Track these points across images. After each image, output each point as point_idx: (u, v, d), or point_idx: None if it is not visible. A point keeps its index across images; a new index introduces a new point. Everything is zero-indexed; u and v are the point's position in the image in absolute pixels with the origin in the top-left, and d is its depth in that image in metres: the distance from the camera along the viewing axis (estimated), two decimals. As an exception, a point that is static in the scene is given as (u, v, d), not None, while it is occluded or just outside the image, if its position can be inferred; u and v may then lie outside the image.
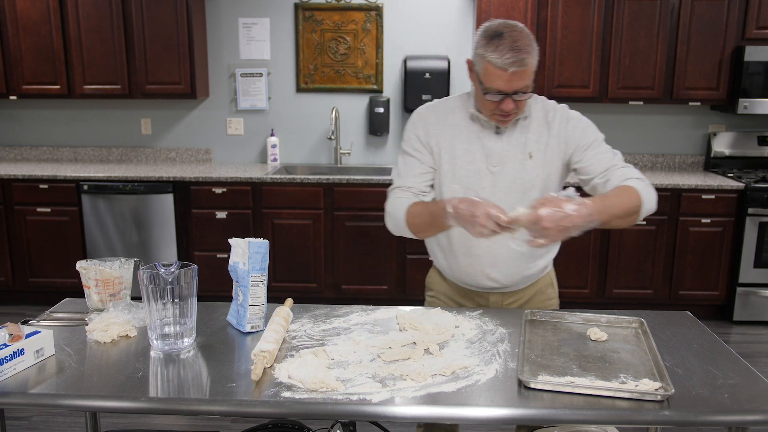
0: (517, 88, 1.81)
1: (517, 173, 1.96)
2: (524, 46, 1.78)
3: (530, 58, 1.79)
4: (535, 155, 1.96)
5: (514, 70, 1.77)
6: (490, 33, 1.81)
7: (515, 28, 1.81)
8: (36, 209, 4.46)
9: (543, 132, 1.97)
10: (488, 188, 1.97)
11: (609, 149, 1.98)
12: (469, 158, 1.97)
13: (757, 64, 4.36)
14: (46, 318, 1.87)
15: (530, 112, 1.97)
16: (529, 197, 1.96)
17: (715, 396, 1.43)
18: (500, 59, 1.77)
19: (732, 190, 4.30)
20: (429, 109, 2.06)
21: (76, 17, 4.48)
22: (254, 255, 1.73)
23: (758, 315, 4.40)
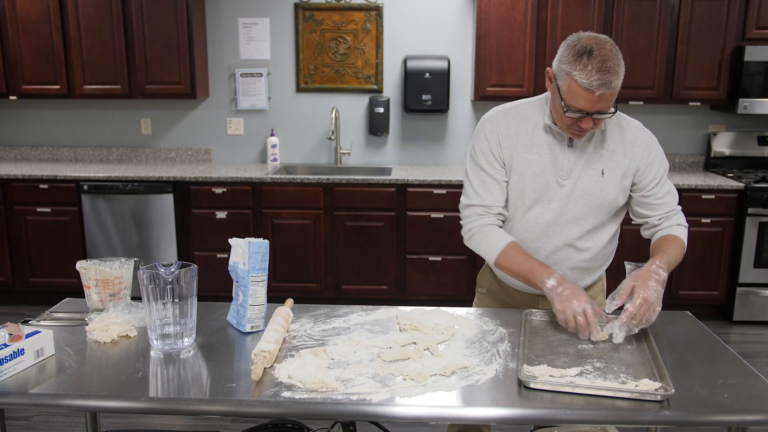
0: (599, 108, 1.76)
1: (588, 189, 1.93)
2: (613, 67, 1.71)
3: (618, 80, 1.73)
4: (608, 173, 1.93)
5: (601, 93, 1.71)
6: (579, 49, 1.73)
7: (605, 45, 1.74)
8: (36, 209, 4.46)
9: (618, 150, 1.93)
10: (556, 201, 1.94)
11: (670, 186, 2.01)
12: (539, 169, 1.93)
13: (757, 64, 4.36)
14: (46, 318, 1.87)
15: (605, 126, 1.92)
16: (598, 213, 1.96)
17: (715, 396, 1.43)
18: (587, 80, 1.70)
19: (732, 190, 4.30)
20: (499, 116, 1.99)
21: (76, 17, 4.48)
22: (254, 255, 1.73)
23: (758, 315, 4.40)
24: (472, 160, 2.01)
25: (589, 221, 1.97)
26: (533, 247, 1.99)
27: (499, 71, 4.45)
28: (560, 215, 1.95)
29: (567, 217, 1.95)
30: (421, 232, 4.39)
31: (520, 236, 2.00)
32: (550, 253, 2.00)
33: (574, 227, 1.97)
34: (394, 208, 4.36)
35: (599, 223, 1.99)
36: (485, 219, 1.98)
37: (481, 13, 4.38)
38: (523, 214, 1.98)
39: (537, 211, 1.96)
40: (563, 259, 2.00)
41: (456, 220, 4.41)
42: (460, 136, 4.89)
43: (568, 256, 2.00)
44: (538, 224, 1.97)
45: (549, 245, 1.99)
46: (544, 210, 1.96)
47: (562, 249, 1.99)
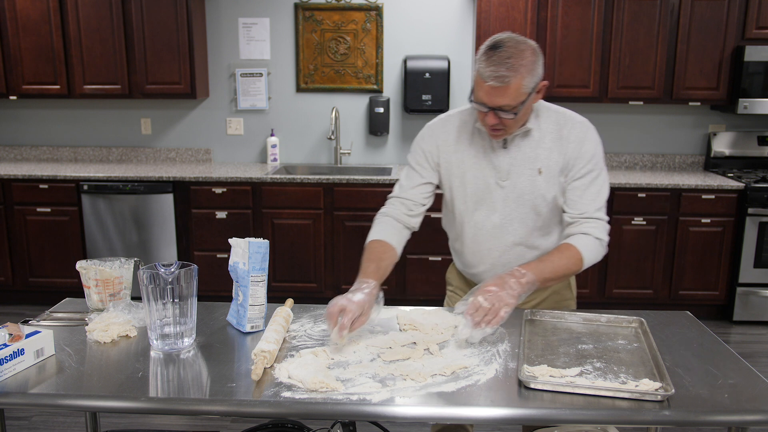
0: (498, 104, 1.77)
1: (527, 188, 1.94)
2: (514, 64, 1.73)
3: (516, 78, 1.74)
4: (545, 171, 1.93)
5: (491, 84, 1.74)
6: (491, 42, 1.79)
7: (518, 45, 1.76)
8: (36, 209, 4.46)
9: (555, 148, 1.93)
10: (499, 202, 1.96)
11: (598, 188, 1.94)
12: (479, 173, 1.96)
13: (757, 64, 4.36)
14: (46, 318, 1.87)
15: (537, 126, 1.93)
16: (540, 212, 1.96)
17: (715, 396, 1.43)
18: (484, 70, 1.75)
19: (732, 190, 4.30)
20: (440, 123, 2.05)
21: (76, 17, 4.48)
22: (254, 255, 1.73)
23: (758, 315, 4.40)
24: (408, 161, 2.10)
25: (535, 220, 1.98)
26: (485, 248, 2.02)
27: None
28: (505, 216, 1.97)
29: (512, 217, 1.97)
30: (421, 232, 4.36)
31: (472, 238, 2.03)
32: (501, 253, 2.02)
33: (520, 227, 1.98)
34: (394, 208, 4.36)
35: (546, 221, 1.99)
36: (390, 208, 2.08)
37: (481, 13, 4.38)
38: (470, 217, 2.02)
39: (483, 213, 1.99)
40: (516, 258, 2.02)
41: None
42: (460, 136, 4.88)
43: (521, 255, 2.02)
44: (485, 226, 2.00)
45: (499, 246, 2.01)
46: (489, 212, 1.98)
47: (512, 248, 2.01)
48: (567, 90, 4.48)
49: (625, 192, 4.30)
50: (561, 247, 1.90)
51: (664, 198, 4.31)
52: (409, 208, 2.06)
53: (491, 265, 2.04)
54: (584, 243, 1.89)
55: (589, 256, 1.89)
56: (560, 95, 4.49)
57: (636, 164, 4.92)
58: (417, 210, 2.07)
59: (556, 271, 1.84)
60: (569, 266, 1.87)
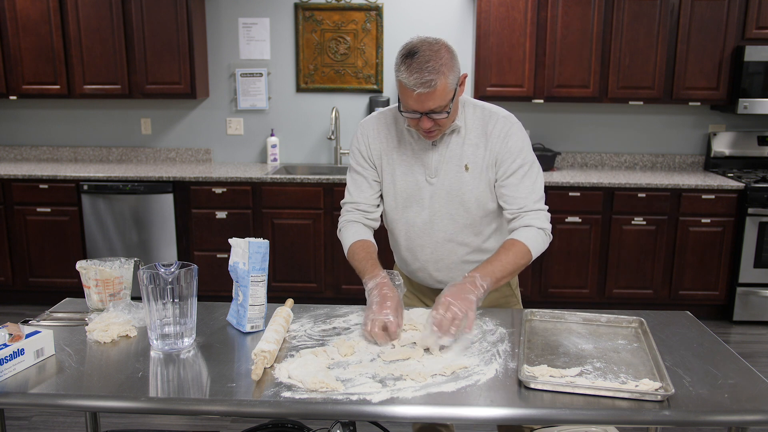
0: (429, 108, 1.78)
1: (454, 185, 1.96)
2: (436, 66, 1.74)
3: (441, 79, 1.75)
4: (472, 167, 1.95)
5: (420, 91, 1.74)
6: (405, 50, 1.78)
7: (432, 46, 1.77)
8: (36, 209, 4.46)
9: (480, 144, 1.95)
10: (427, 199, 1.99)
11: (532, 181, 1.95)
12: (408, 170, 1.99)
13: (757, 64, 4.36)
14: (46, 318, 1.87)
15: (465, 123, 1.95)
16: (468, 209, 1.98)
17: (715, 396, 1.43)
18: (408, 79, 1.74)
19: (732, 190, 4.29)
20: (370, 121, 2.07)
21: (76, 17, 4.48)
22: (254, 255, 1.73)
23: (758, 315, 4.40)
24: (349, 163, 2.12)
25: (464, 217, 1.99)
26: (418, 244, 2.05)
27: (499, 71, 4.45)
28: (434, 213, 1.99)
29: (440, 213, 1.99)
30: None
31: (405, 234, 2.06)
32: (433, 249, 2.04)
33: (449, 223, 2.00)
34: (394, 208, 4.36)
35: (474, 218, 2.00)
36: (350, 215, 2.07)
37: (481, 13, 4.38)
38: (401, 213, 2.04)
39: (413, 210, 2.01)
40: (448, 253, 2.04)
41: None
42: (460, 136, 4.89)
43: (452, 251, 2.04)
44: (416, 223, 2.02)
45: (430, 241, 2.03)
46: (419, 209, 2.01)
47: (444, 244, 2.03)
48: (567, 90, 4.48)
49: (625, 192, 4.30)
50: (506, 245, 1.90)
51: (664, 198, 4.31)
52: (364, 213, 2.07)
53: (425, 262, 2.06)
54: (528, 236, 1.90)
55: (535, 246, 1.91)
56: (560, 95, 4.49)
57: (636, 164, 4.92)
58: (373, 213, 2.09)
59: (506, 269, 1.84)
60: (518, 261, 1.87)
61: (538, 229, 1.92)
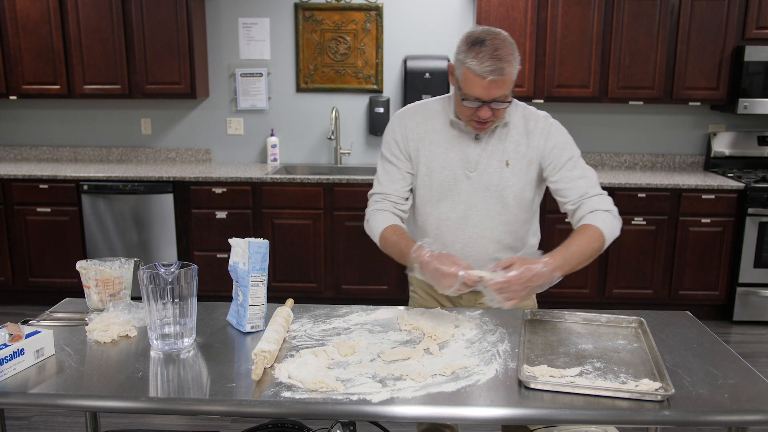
0: (494, 96, 1.81)
1: (493, 180, 1.97)
2: (505, 55, 1.77)
3: (510, 68, 1.79)
4: (512, 163, 1.96)
5: (492, 78, 1.77)
6: (471, 39, 1.81)
7: (498, 36, 1.81)
8: (36, 209, 4.46)
9: (522, 141, 1.97)
10: (464, 193, 1.98)
11: (583, 170, 1.97)
12: (446, 163, 1.98)
13: (757, 64, 4.36)
14: (46, 318, 1.87)
15: (510, 119, 1.97)
16: (506, 205, 1.98)
17: (715, 396, 1.43)
18: (479, 67, 1.77)
19: (732, 190, 4.30)
20: (408, 112, 2.06)
21: (76, 17, 4.48)
22: (254, 255, 1.73)
23: (758, 315, 4.40)
24: (380, 153, 2.10)
25: (500, 213, 1.99)
26: (448, 240, 2.03)
27: (499, 71, 4.44)
28: (470, 207, 1.99)
29: (477, 209, 1.99)
30: (421, 232, 4.38)
31: (436, 230, 2.04)
32: (464, 245, 2.03)
33: (485, 219, 1.99)
34: (394, 208, 4.36)
35: (511, 215, 2.00)
36: (378, 205, 2.07)
37: (481, 13, 4.38)
38: (435, 207, 2.02)
39: (447, 204, 2.00)
40: (478, 250, 2.03)
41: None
42: (460, 136, 4.89)
43: (483, 247, 2.03)
44: (450, 217, 2.01)
45: (462, 237, 2.02)
46: (454, 203, 2.00)
47: (476, 240, 2.02)
48: (567, 90, 4.48)
49: (625, 192, 4.30)
50: (579, 230, 1.88)
51: (664, 198, 4.31)
52: (394, 204, 2.06)
53: None
54: (600, 219, 1.88)
55: (607, 228, 1.88)
56: (560, 95, 4.49)
57: (636, 164, 4.92)
58: (403, 205, 2.08)
59: (584, 254, 1.82)
60: (593, 246, 1.85)
61: (605, 212, 1.91)
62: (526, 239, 2.09)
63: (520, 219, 2.03)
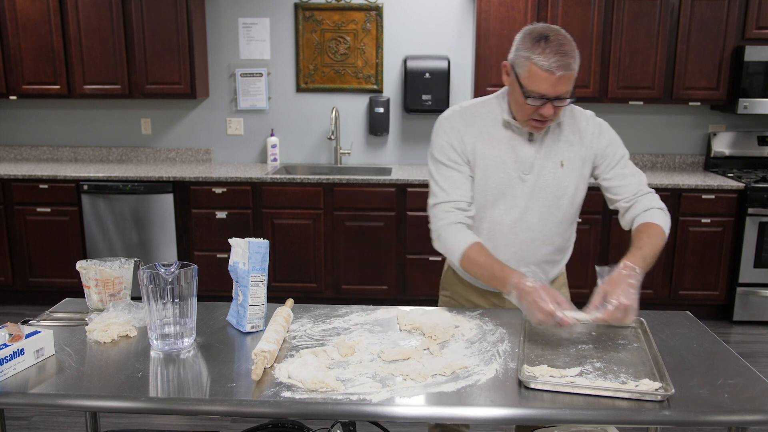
0: (559, 92, 1.78)
1: (549, 181, 1.94)
2: (570, 51, 1.76)
3: (575, 63, 1.78)
4: (567, 164, 1.95)
5: (561, 73, 1.75)
6: (535, 35, 1.78)
7: (559, 32, 1.79)
8: (36, 209, 4.46)
9: (574, 141, 1.96)
10: (520, 197, 1.95)
11: (633, 168, 2.01)
12: (502, 165, 1.94)
13: (757, 64, 4.36)
14: (46, 318, 1.87)
15: (562, 119, 1.95)
16: (561, 206, 1.97)
17: (715, 396, 1.43)
18: (547, 62, 1.74)
19: (732, 190, 4.30)
20: (456, 115, 1.99)
21: (76, 17, 4.48)
22: (254, 255, 1.73)
23: (758, 315, 4.40)
24: (433, 160, 1.99)
25: (554, 214, 1.98)
26: (501, 244, 1.99)
27: (499, 71, 4.41)
28: (525, 211, 1.96)
29: (532, 211, 1.96)
30: (421, 232, 4.39)
31: (488, 234, 1.99)
32: (517, 249, 2.00)
33: (539, 222, 1.98)
34: (394, 208, 4.36)
35: (563, 216, 2.00)
36: (451, 216, 1.93)
37: (481, 13, 4.38)
38: (489, 211, 1.98)
39: (502, 207, 1.97)
40: (531, 253, 2.01)
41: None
42: (460, 136, 4.89)
43: (536, 251, 2.01)
44: (505, 221, 1.98)
45: (516, 241, 1.99)
46: (509, 206, 1.97)
47: (528, 244, 2.00)
48: (567, 90, 4.47)
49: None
50: (643, 228, 1.91)
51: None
52: (465, 212, 1.95)
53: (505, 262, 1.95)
54: (657, 217, 1.94)
55: (666, 226, 1.94)
56: (560, 95, 4.48)
57: (636, 164, 4.89)
58: (471, 212, 1.97)
59: (655, 254, 1.86)
60: (659, 243, 1.89)
61: (659, 209, 1.96)
62: (572, 238, 2.10)
63: (570, 219, 2.03)
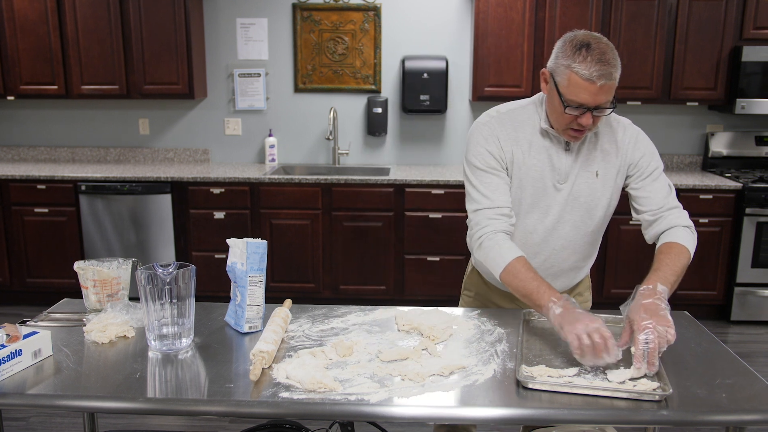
0: (600, 102, 1.75)
1: (584, 192, 1.93)
2: (612, 59, 1.72)
3: (617, 72, 1.73)
4: (602, 174, 1.93)
5: (602, 83, 1.71)
6: (576, 43, 1.74)
7: (601, 40, 1.75)
8: (34, 209, 4.46)
9: (611, 151, 1.93)
10: (554, 206, 1.94)
11: (665, 182, 1.96)
12: (538, 174, 1.92)
13: (754, 65, 4.36)
14: (44, 318, 1.87)
15: (599, 128, 1.92)
16: (593, 216, 1.95)
17: (713, 396, 1.43)
18: (588, 71, 1.70)
19: (730, 190, 4.30)
20: (495, 121, 1.95)
21: (73, 17, 4.48)
22: (252, 255, 1.73)
23: (756, 315, 4.41)
24: (471, 167, 1.94)
25: (587, 224, 1.97)
26: (531, 252, 1.97)
27: (497, 72, 4.45)
28: (559, 220, 1.95)
29: (564, 221, 1.95)
30: (420, 232, 4.39)
31: (520, 241, 1.97)
32: (548, 257, 2.00)
33: (571, 231, 1.96)
34: (393, 209, 4.36)
35: (596, 225, 1.99)
36: (496, 224, 1.87)
37: (479, 14, 4.39)
38: (522, 219, 1.96)
39: (536, 216, 1.95)
40: (561, 261, 2.01)
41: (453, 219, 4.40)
42: (458, 137, 4.89)
43: (566, 259, 2.01)
44: (537, 229, 1.96)
45: (547, 249, 1.99)
46: (542, 215, 1.95)
47: (559, 252, 1.99)
48: (565, 90, 4.47)
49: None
50: (667, 248, 1.84)
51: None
52: (508, 217, 1.90)
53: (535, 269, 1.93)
54: (684, 236, 1.87)
55: (691, 246, 1.86)
56: (558, 95, 4.48)
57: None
58: (513, 219, 1.92)
59: (677, 273, 1.79)
60: (682, 263, 1.81)
61: (685, 228, 1.89)
62: (597, 244, 2.09)
63: (599, 230, 2.02)
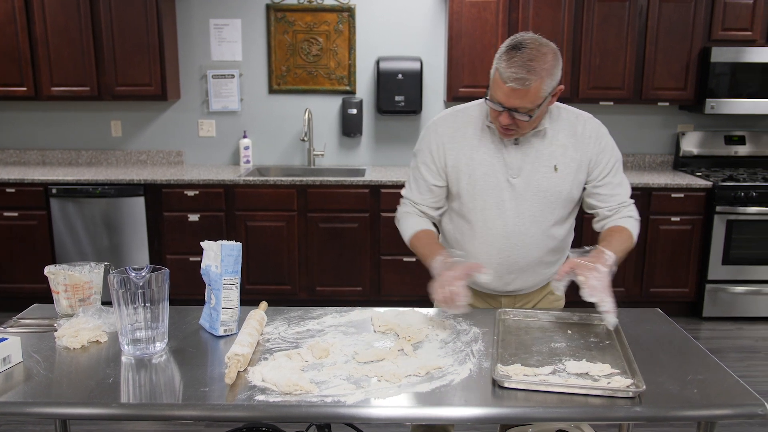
0: (514, 105, 1.76)
1: (543, 185, 1.94)
2: (536, 67, 1.72)
3: (537, 82, 1.73)
4: (561, 168, 1.94)
5: (511, 86, 1.73)
6: (512, 42, 1.77)
7: (540, 47, 1.75)
8: (3, 213, 4.37)
9: (570, 146, 1.95)
10: (509, 200, 1.95)
11: (622, 177, 2.03)
12: (489, 170, 1.94)
13: (723, 65, 4.44)
14: (14, 324, 1.84)
15: (549, 125, 1.93)
16: (555, 208, 1.97)
17: (685, 391, 1.45)
18: (506, 72, 1.73)
19: (700, 189, 4.37)
20: (448, 120, 2.01)
21: (42, 17, 4.40)
22: (227, 258, 1.72)
23: (727, 311, 4.48)
24: (414, 156, 2.09)
25: (548, 218, 1.99)
26: (494, 248, 2.00)
27: (472, 72, 4.48)
28: (518, 215, 1.96)
29: (524, 215, 1.96)
30: (395, 232, 4.35)
31: (481, 238, 2.00)
32: (511, 252, 2.01)
33: (531, 225, 1.98)
34: (368, 209, 4.36)
35: (560, 217, 2.01)
36: (410, 209, 2.11)
37: (453, 15, 4.41)
38: (479, 215, 1.99)
39: (493, 211, 1.97)
40: (524, 255, 2.02)
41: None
42: (434, 137, 4.90)
43: (529, 253, 2.02)
44: (497, 225, 1.98)
45: (508, 244, 2.00)
46: (499, 210, 1.97)
47: (522, 248, 2.00)
48: (538, 91, 4.51)
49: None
50: (615, 229, 1.95)
51: (634, 197, 4.35)
52: (425, 214, 2.11)
53: (498, 265, 2.01)
54: (632, 225, 1.99)
55: (636, 234, 1.99)
56: (532, 96, 4.52)
57: (607, 164, 4.98)
58: (432, 214, 2.11)
59: (623, 250, 1.90)
60: (628, 245, 1.93)
61: (636, 220, 2.02)
62: (568, 239, 2.11)
63: (564, 222, 2.03)
